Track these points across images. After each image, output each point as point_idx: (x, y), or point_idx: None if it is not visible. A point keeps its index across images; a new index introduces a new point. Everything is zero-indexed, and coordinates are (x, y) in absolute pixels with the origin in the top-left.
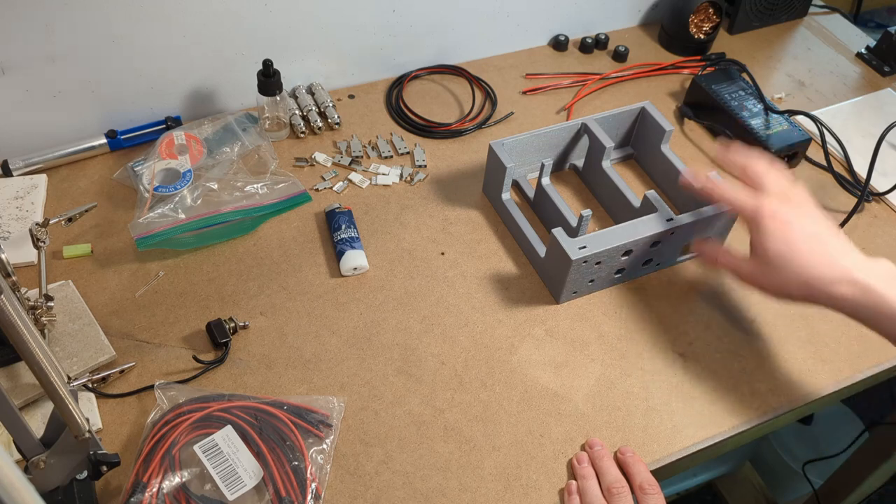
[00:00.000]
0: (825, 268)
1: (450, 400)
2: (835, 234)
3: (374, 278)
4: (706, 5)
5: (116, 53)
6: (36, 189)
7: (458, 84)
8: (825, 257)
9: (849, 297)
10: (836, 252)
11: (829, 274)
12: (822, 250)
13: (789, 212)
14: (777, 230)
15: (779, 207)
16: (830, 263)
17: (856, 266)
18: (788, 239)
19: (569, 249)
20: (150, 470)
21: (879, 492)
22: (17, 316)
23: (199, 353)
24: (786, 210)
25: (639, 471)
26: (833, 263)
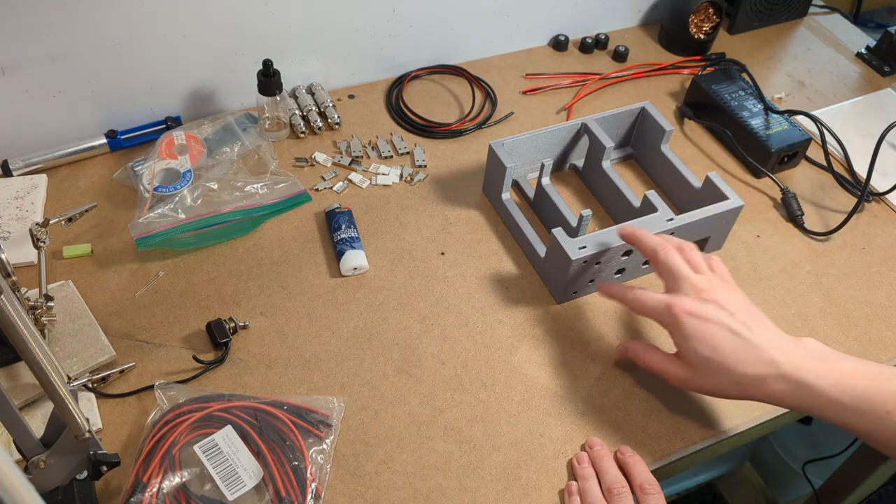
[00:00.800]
0: (753, 366)
1: (450, 400)
2: (754, 321)
3: (374, 278)
4: (706, 5)
5: (116, 53)
6: (36, 189)
7: (458, 84)
8: (751, 354)
9: (782, 394)
10: (761, 344)
11: (758, 372)
12: (745, 346)
13: (704, 307)
14: (697, 331)
15: (691, 304)
16: (757, 360)
17: (784, 358)
18: (710, 341)
19: (569, 249)
20: (150, 470)
21: (879, 492)
22: (17, 316)
23: (199, 353)
24: (700, 305)
25: (639, 471)
26: (759, 359)
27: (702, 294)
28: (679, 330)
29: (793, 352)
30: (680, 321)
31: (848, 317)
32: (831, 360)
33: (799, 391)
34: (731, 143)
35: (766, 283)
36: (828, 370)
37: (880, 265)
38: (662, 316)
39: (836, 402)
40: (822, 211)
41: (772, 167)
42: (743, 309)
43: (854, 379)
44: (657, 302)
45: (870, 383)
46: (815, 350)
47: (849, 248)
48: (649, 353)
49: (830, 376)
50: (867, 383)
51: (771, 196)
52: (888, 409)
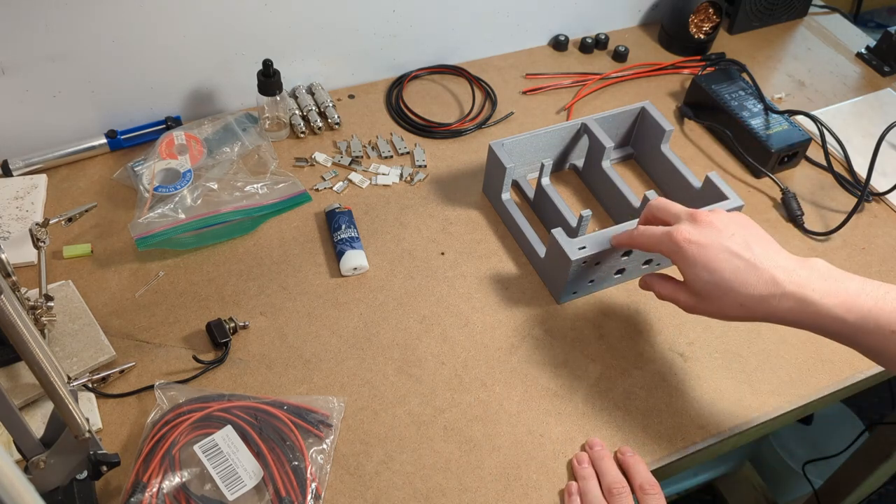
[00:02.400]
0: (755, 286)
1: (450, 400)
2: (756, 241)
3: (374, 278)
4: (706, 5)
5: (116, 53)
6: (36, 189)
7: (458, 84)
8: (752, 273)
9: (785, 311)
10: (762, 264)
11: (760, 292)
12: (746, 267)
13: (702, 231)
14: (697, 256)
15: (690, 230)
16: (759, 279)
17: (786, 277)
18: (710, 264)
19: (569, 249)
20: (150, 470)
21: (879, 492)
22: (17, 316)
23: (199, 353)
24: (698, 231)
25: (639, 471)
26: (761, 279)
27: (698, 219)
28: (681, 257)
29: (795, 270)
30: (681, 248)
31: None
32: (837, 279)
33: (804, 309)
34: (731, 143)
35: None
36: (833, 289)
37: (880, 265)
38: (664, 245)
39: (841, 320)
40: (822, 211)
41: (772, 167)
42: (743, 230)
43: (860, 298)
44: (659, 233)
45: (875, 302)
46: (821, 269)
47: (849, 248)
48: (661, 283)
49: (836, 295)
50: (873, 302)
51: (771, 196)
52: (893, 329)
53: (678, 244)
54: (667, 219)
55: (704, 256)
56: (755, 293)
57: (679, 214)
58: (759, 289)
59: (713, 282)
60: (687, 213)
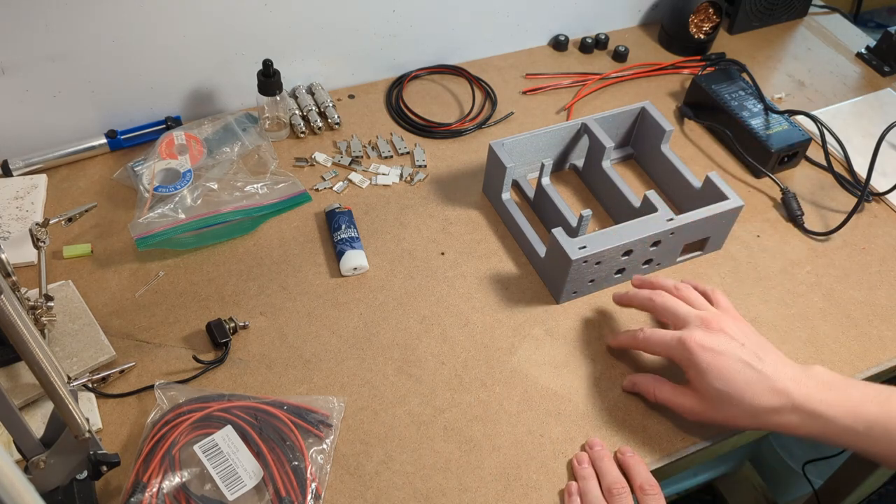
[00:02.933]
0: (767, 398)
1: (450, 400)
2: (764, 351)
3: (374, 278)
4: (706, 5)
5: (116, 53)
6: (36, 189)
7: (458, 84)
8: (764, 386)
9: (796, 425)
10: (774, 375)
11: (772, 404)
12: (759, 378)
13: (715, 338)
14: (711, 364)
15: (703, 337)
16: (770, 391)
17: (796, 389)
18: (724, 374)
19: (569, 249)
20: (150, 470)
21: (879, 492)
22: (17, 316)
23: (199, 353)
24: (711, 337)
25: (639, 471)
26: (773, 390)
27: (710, 326)
28: (693, 364)
29: (804, 381)
30: (693, 354)
31: (848, 317)
32: (841, 387)
33: (813, 422)
34: (731, 143)
35: (766, 283)
36: (839, 398)
37: (880, 265)
38: (675, 351)
39: (850, 429)
40: (822, 211)
41: (772, 167)
42: (752, 339)
43: (865, 405)
44: (669, 338)
45: (881, 408)
46: (824, 378)
47: (849, 248)
48: (659, 388)
49: (842, 404)
50: (878, 408)
51: (771, 196)
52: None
53: (692, 351)
54: (675, 322)
55: (718, 365)
56: (766, 405)
57: (688, 318)
58: (770, 401)
59: (726, 391)
60: (697, 317)
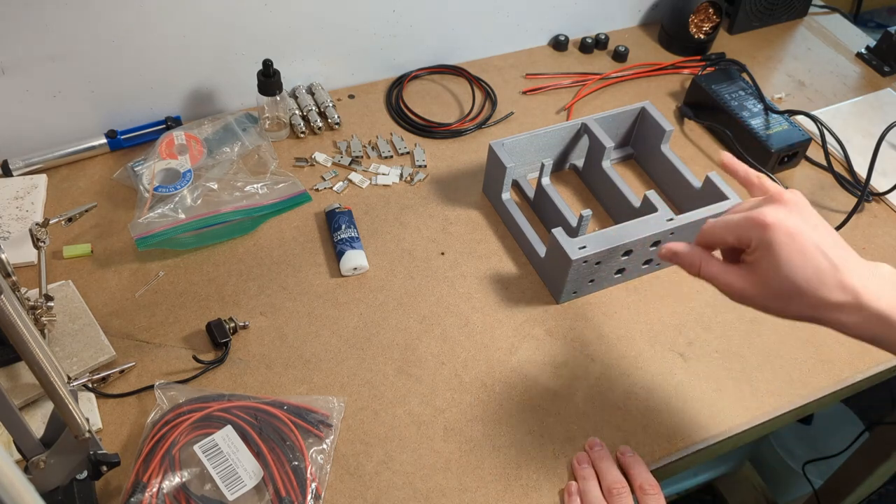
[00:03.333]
0: (833, 291)
1: (450, 400)
2: (835, 239)
3: (374, 278)
4: (706, 5)
5: (116, 53)
6: (36, 189)
7: (458, 84)
8: (833, 277)
9: (854, 324)
10: (843, 267)
11: (837, 299)
12: (830, 269)
13: (792, 217)
14: (785, 246)
15: (780, 213)
16: (838, 285)
17: (864, 286)
18: (798, 258)
19: (569, 249)
20: (150, 470)
21: (879, 492)
22: (17, 316)
23: (199, 353)
24: (788, 215)
25: (639, 471)
26: (841, 285)
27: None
28: (765, 243)
29: (871, 279)
30: (769, 232)
31: None
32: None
33: (874, 324)
34: (731, 143)
35: None
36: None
37: None
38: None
39: None
40: (822, 211)
41: (772, 167)
42: (822, 222)
43: None
44: (737, 216)
45: None
46: (889, 277)
47: None
48: (707, 262)
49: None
50: None
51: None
52: None
53: (767, 227)
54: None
55: (793, 248)
56: (832, 300)
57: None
58: (837, 296)
59: (795, 279)
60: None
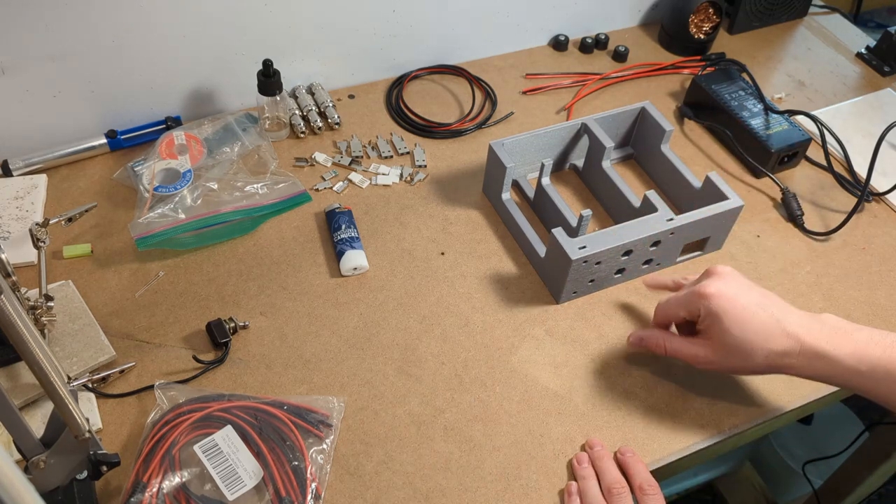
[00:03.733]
0: (779, 341)
1: (450, 400)
2: (771, 297)
3: (374, 278)
4: (706, 5)
5: (116, 53)
6: (36, 189)
7: (458, 84)
8: (777, 328)
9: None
10: (784, 318)
11: (784, 346)
12: (771, 323)
13: (727, 283)
14: (727, 312)
15: (715, 283)
16: (782, 334)
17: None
18: (740, 320)
19: (569, 249)
20: (150, 470)
21: (879, 492)
22: (17, 316)
23: (199, 353)
24: (724, 283)
25: (638, 471)
26: (785, 333)
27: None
28: (710, 312)
29: (811, 325)
30: (710, 302)
31: (848, 317)
32: (847, 331)
33: (819, 363)
34: (731, 143)
35: (766, 283)
36: (845, 341)
37: (880, 265)
38: (692, 304)
39: (854, 370)
40: (822, 211)
41: (772, 167)
42: (756, 286)
43: (869, 348)
44: (682, 293)
45: (884, 351)
46: (832, 323)
47: (849, 248)
48: (669, 341)
49: (847, 346)
50: (881, 351)
51: (771, 196)
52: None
53: (707, 298)
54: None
55: (734, 311)
56: (779, 349)
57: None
58: (782, 344)
59: (743, 338)
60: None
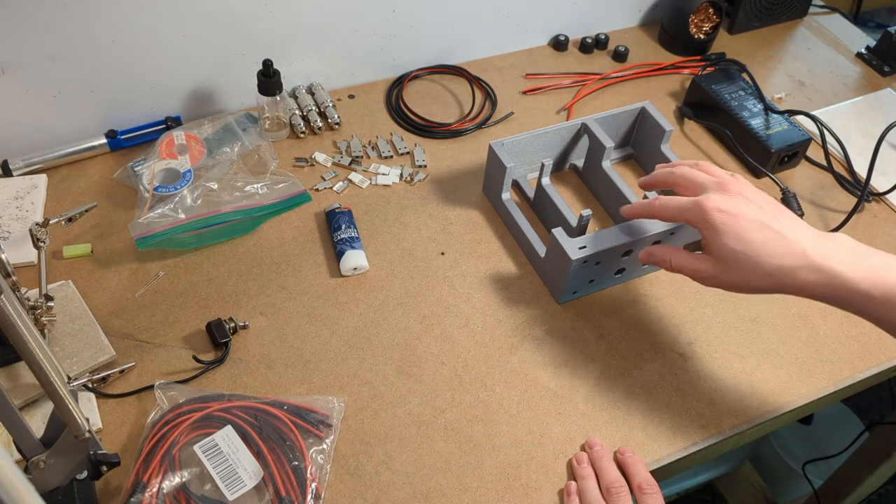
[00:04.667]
0: (783, 257)
1: (450, 400)
2: (783, 215)
3: (374, 278)
4: (706, 5)
5: (116, 53)
6: (36, 189)
7: (458, 84)
8: (781, 245)
9: (812, 283)
10: (792, 236)
11: (789, 263)
12: (776, 238)
13: (732, 201)
14: (727, 224)
15: (720, 200)
16: (788, 251)
17: (815, 249)
18: (740, 233)
19: (569, 249)
20: (150, 470)
21: (879, 492)
22: (17, 316)
23: (199, 353)
24: (728, 200)
25: (638, 471)
26: (790, 251)
27: (728, 190)
28: (710, 226)
29: (823, 244)
30: (710, 216)
31: (848, 317)
32: (863, 254)
33: (829, 282)
34: (731, 143)
35: None
36: (859, 263)
37: None
38: (691, 214)
39: (866, 294)
40: (822, 211)
41: (772, 167)
42: (770, 203)
43: (884, 272)
44: (685, 202)
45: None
46: (846, 244)
47: None
48: (675, 255)
49: (861, 269)
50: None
51: (771, 196)
52: None
53: (707, 212)
54: (693, 189)
55: (735, 225)
56: (784, 264)
57: (706, 184)
58: (787, 260)
59: (742, 251)
60: (715, 182)
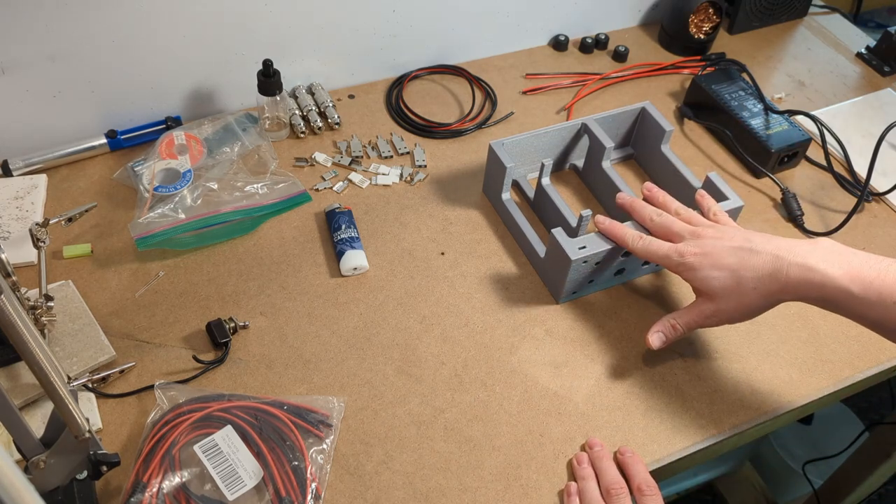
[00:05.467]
0: (761, 266)
1: (450, 400)
2: (755, 235)
3: (374, 278)
4: (706, 5)
5: (116, 53)
6: (36, 189)
7: (458, 84)
8: (756, 258)
9: (795, 280)
10: (764, 248)
11: (767, 268)
12: (749, 255)
13: (704, 242)
14: (702, 262)
15: (694, 244)
16: (764, 260)
17: (790, 251)
18: (716, 262)
19: (569, 249)
20: (150, 470)
21: (879, 492)
22: (17, 316)
23: (199, 353)
24: (701, 243)
25: (638, 471)
26: (766, 259)
27: (701, 235)
28: (687, 268)
29: (799, 245)
30: (686, 260)
31: None
32: (841, 253)
33: (810, 278)
34: (731, 143)
35: None
36: (837, 261)
37: None
38: (670, 262)
39: (846, 290)
40: (822, 211)
41: (772, 167)
42: (741, 232)
43: (863, 270)
44: (665, 250)
45: (878, 274)
46: (825, 245)
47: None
48: (675, 317)
49: (840, 266)
50: (875, 274)
51: (771, 196)
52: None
53: (684, 256)
54: (670, 237)
55: (709, 260)
56: (763, 273)
57: (682, 233)
58: (765, 268)
59: (722, 276)
60: (690, 231)
